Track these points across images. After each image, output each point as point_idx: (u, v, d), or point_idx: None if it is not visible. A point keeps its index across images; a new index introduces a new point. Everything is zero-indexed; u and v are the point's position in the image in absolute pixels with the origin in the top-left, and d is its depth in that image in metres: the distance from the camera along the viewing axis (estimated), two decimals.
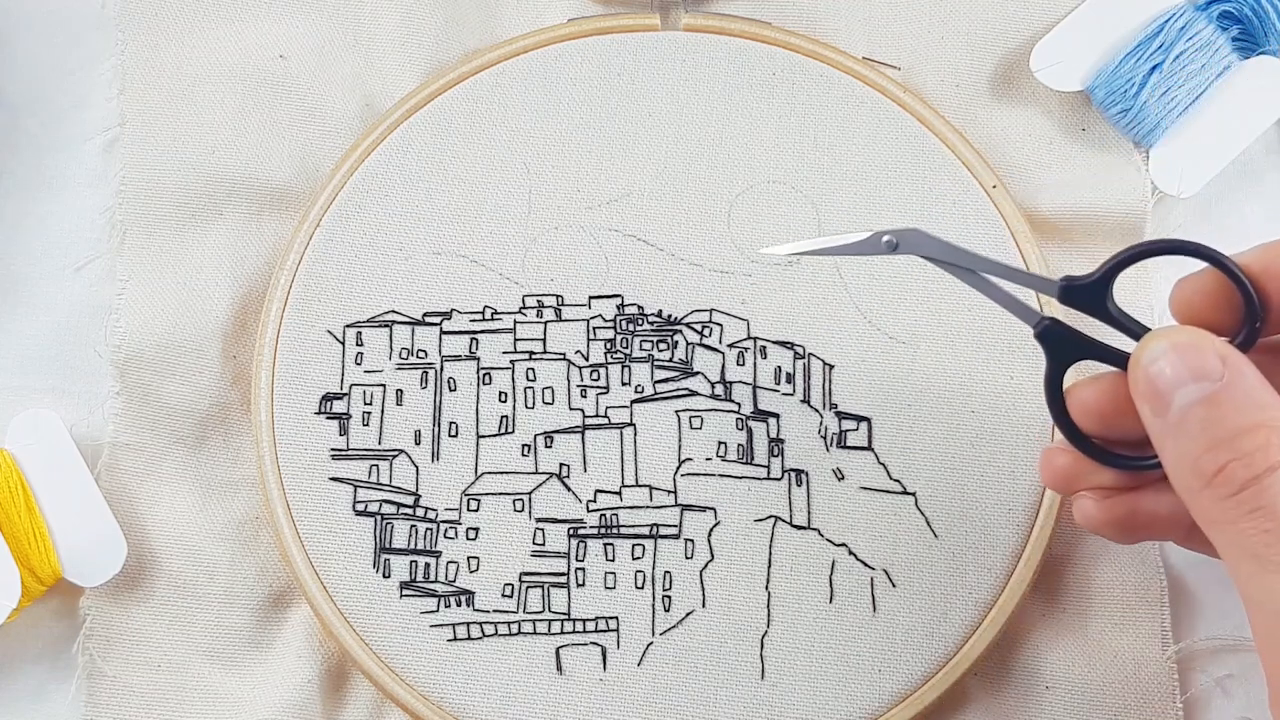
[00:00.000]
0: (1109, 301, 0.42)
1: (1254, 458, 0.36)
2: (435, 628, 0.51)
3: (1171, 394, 0.38)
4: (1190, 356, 0.38)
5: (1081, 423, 0.43)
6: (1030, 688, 0.53)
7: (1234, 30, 0.55)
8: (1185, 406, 0.37)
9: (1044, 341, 0.43)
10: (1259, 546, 0.36)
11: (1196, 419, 0.37)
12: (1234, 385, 0.37)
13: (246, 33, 0.56)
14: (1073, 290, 0.43)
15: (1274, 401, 0.37)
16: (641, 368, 0.53)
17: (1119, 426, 0.42)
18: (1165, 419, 0.38)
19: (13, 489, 0.52)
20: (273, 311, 0.53)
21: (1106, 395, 0.42)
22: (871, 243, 0.44)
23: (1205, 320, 0.41)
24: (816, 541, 0.52)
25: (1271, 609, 0.36)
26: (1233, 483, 0.36)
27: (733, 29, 0.55)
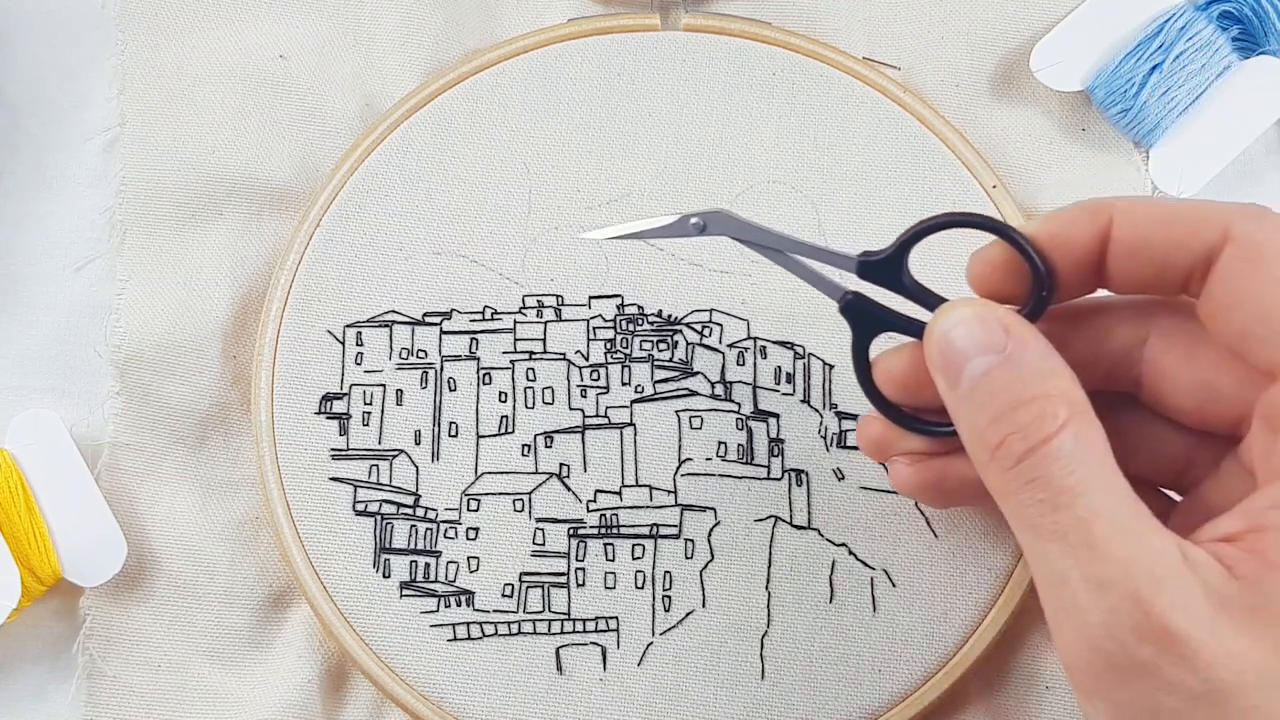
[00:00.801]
0: (904, 275, 0.43)
1: (1029, 429, 0.37)
2: (435, 628, 0.51)
3: (962, 366, 0.39)
4: (978, 329, 0.39)
5: (888, 392, 0.44)
6: (1030, 688, 0.53)
7: (1234, 30, 0.55)
8: (973, 378, 0.38)
9: (847, 315, 0.44)
10: (1034, 516, 0.36)
11: (982, 391, 0.38)
12: (1016, 356, 0.38)
13: (246, 33, 0.56)
14: (869, 265, 0.44)
15: (1055, 370, 0.38)
16: (641, 368, 0.53)
17: (923, 395, 0.42)
18: (957, 390, 0.39)
19: (13, 489, 0.52)
20: (273, 311, 0.53)
21: (909, 365, 0.43)
22: (680, 225, 0.45)
23: (1000, 291, 0.42)
24: (816, 541, 0.52)
25: (1049, 576, 0.36)
26: (1011, 455, 0.37)
27: (733, 29, 0.55)
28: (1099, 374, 0.42)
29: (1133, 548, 0.35)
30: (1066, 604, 0.36)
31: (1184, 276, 0.40)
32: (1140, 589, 0.35)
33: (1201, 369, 0.41)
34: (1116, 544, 0.35)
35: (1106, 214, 0.40)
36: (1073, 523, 0.36)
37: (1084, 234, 0.40)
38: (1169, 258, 0.40)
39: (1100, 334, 0.43)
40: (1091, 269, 0.41)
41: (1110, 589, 0.35)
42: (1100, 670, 0.35)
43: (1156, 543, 0.36)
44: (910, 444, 0.45)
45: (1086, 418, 0.37)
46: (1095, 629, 0.35)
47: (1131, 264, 0.40)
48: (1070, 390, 0.38)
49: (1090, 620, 0.35)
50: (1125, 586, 0.35)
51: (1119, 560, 0.35)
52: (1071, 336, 0.42)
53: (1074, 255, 0.41)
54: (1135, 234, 0.40)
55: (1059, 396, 0.37)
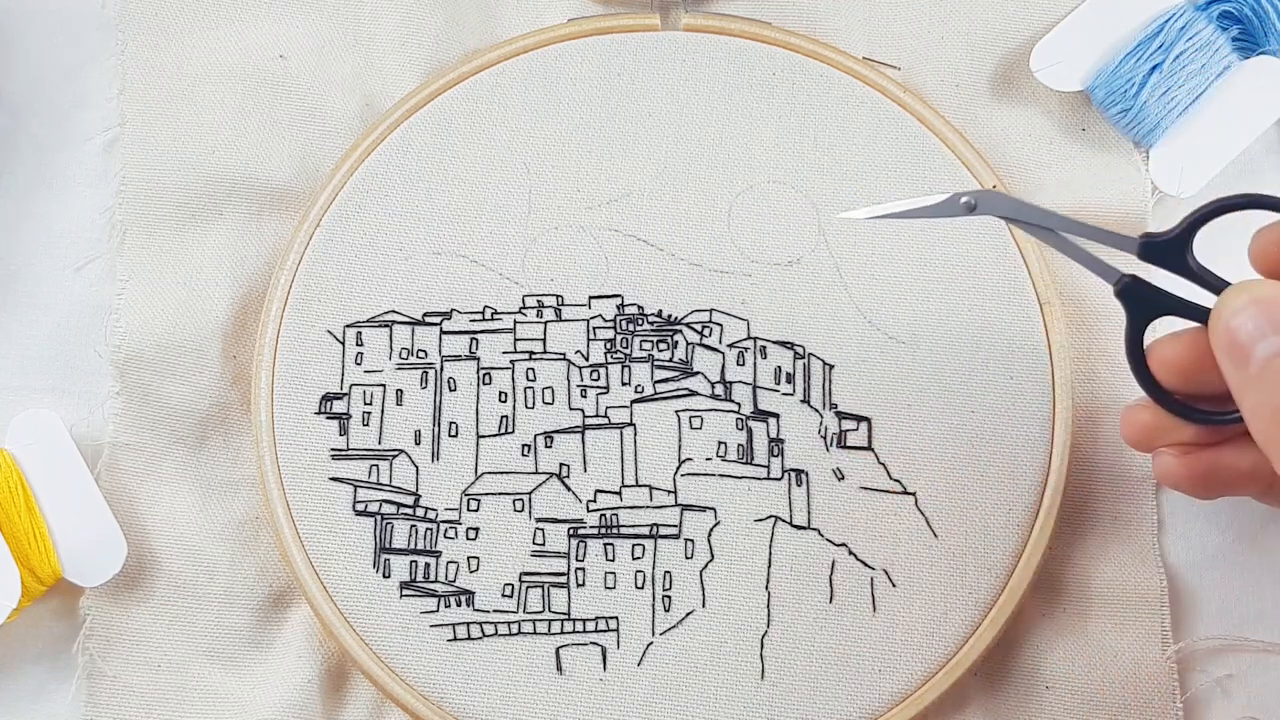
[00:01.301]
0: (1189, 257, 0.43)
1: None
2: (435, 628, 0.51)
3: (1252, 346, 0.38)
4: (1270, 310, 0.39)
5: (1162, 379, 0.44)
6: (1030, 688, 0.53)
7: (1234, 30, 0.55)
8: (1266, 358, 0.38)
9: (1124, 299, 0.44)
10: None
11: (1277, 370, 0.38)
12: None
13: (246, 33, 0.56)
14: (1152, 246, 0.43)
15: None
16: (641, 368, 0.53)
17: (1200, 381, 0.42)
18: (1246, 371, 0.39)
19: (13, 489, 0.52)
20: (273, 311, 0.53)
21: (1187, 350, 0.43)
22: (950, 205, 0.45)
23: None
24: (816, 541, 0.52)
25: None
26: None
27: (733, 29, 0.55)
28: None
29: None
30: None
31: None
32: None
33: None
34: None
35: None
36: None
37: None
38: None
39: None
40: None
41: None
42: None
43: None
44: (1180, 434, 0.44)
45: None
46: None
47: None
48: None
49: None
50: None
51: None
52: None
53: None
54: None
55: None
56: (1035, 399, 0.52)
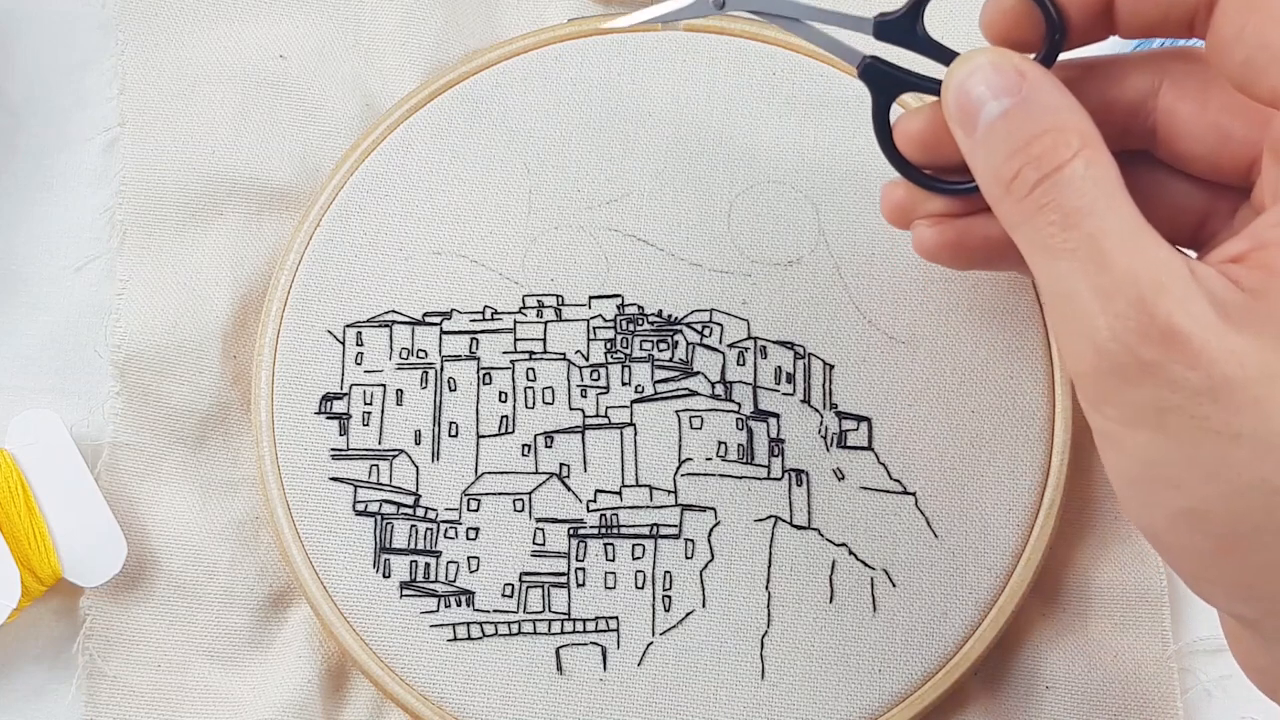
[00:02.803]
0: (919, 31, 0.44)
1: (1043, 159, 0.38)
2: (435, 628, 0.51)
3: (978, 112, 0.40)
4: (993, 75, 0.40)
5: (908, 153, 0.45)
6: (1030, 688, 0.53)
7: None
8: (989, 122, 0.39)
9: (865, 79, 0.45)
10: (1047, 237, 0.38)
11: (998, 132, 0.39)
12: (1030, 98, 0.39)
13: (246, 33, 0.56)
14: (885, 25, 0.44)
15: (1069, 106, 0.39)
16: (641, 368, 0.53)
17: (943, 154, 0.44)
18: (974, 137, 0.40)
19: (13, 489, 0.52)
20: (273, 311, 0.53)
21: (927, 124, 0.44)
22: (700, 4, 0.46)
23: (1013, 38, 0.43)
24: (816, 541, 0.52)
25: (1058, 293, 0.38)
26: (1025, 184, 0.38)
27: (733, 29, 0.55)
28: (1114, 128, 0.42)
29: (1140, 258, 0.36)
30: (1075, 315, 0.37)
31: (1190, 14, 0.40)
32: (1145, 294, 0.36)
33: (1213, 113, 0.42)
34: (1124, 256, 0.36)
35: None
36: (1082, 239, 0.37)
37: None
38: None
39: (1114, 84, 0.43)
40: (1101, 12, 0.41)
41: (1116, 295, 0.36)
42: (1106, 375, 0.36)
43: (1163, 255, 0.37)
44: (932, 205, 0.45)
45: (1098, 148, 0.38)
46: (1102, 334, 0.36)
47: (1138, 5, 0.41)
48: (1082, 124, 0.39)
49: (1097, 326, 0.36)
50: (1131, 292, 0.36)
51: (1126, 270, 0.36)
52: (1086, 88, 0.42)
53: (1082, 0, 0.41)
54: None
55: (1072, 129, 0.38)
56: (1035, 399, 0.52)
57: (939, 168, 0.45)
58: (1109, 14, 0.41)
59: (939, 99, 0.42)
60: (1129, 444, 0.37)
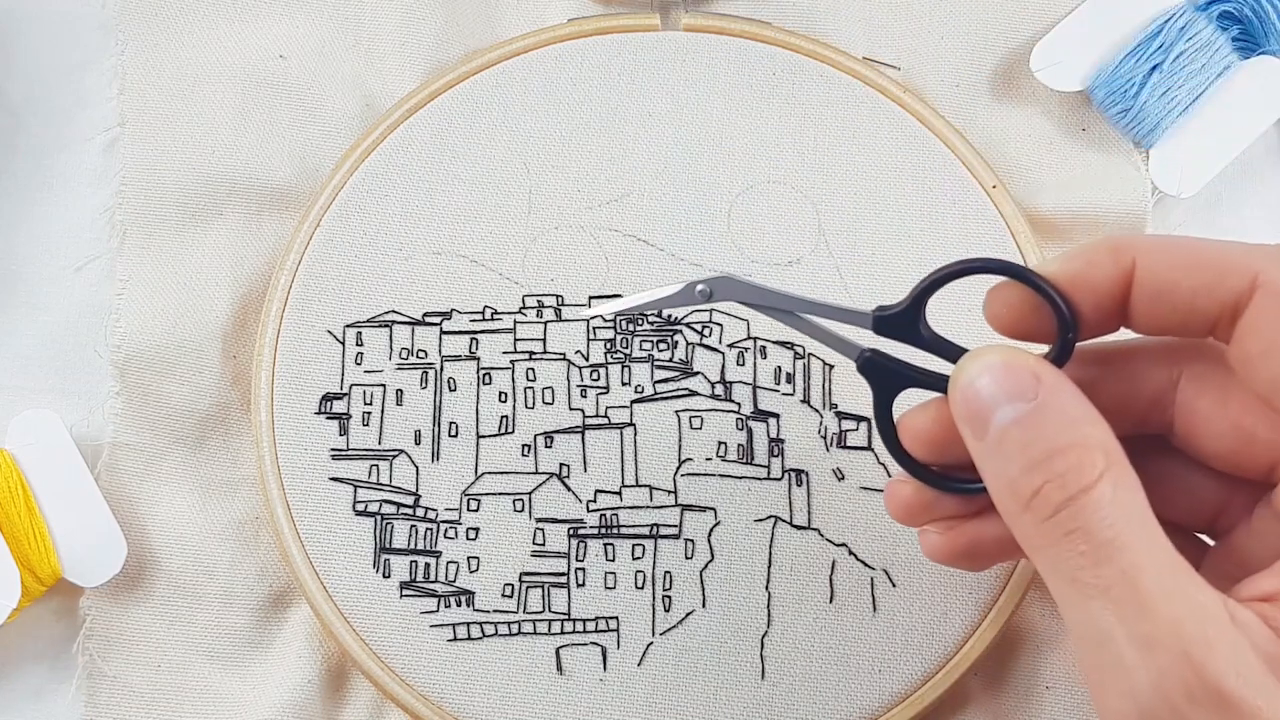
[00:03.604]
0: (922, 327, 0.42)
1: (1067, 479, 0.35)
2: (435, 628, 0.51)
3: (990, 415, 0.37)
4: (1005, 377, 0.37)
5: (915, 451, 0.42)
6: (1030, 688, 0.53)
7: (1234, 30, 0.55)
8: (1002, 428, 0.37)
9: (866, 374, 0.42)
10: (1075, 570, 0.35)
11: (1013, 440, 0.36)
12: (1048, 405, 0.36)
13: (246, 33, 0.56)
14: (885, 320, 0.42)
15: (1089, 417, 0.37)
16: (641, 368, 0.53)
17: (952, 452, 0.40)
18: (985, 442, 0.37)
19: (13, 489, 0.52)
20: (273, 311, 0.53)
21: (933, 422, 0.41)
22: (686, 293, 0.43)
23: (1020, 330, 0.40)
24: (816, 541, 0.52)
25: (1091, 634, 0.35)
26: (1048, 505, 0.36)
27: (733, 29, 0.55)
28: (1131, 418, 0.40)
29: (1181, 605, 0.34)
30: (1112, 663, 0.34)
31: (1211, 322, 0.38)
32: (1191, 649, 0.33)
33: (1235, 412, 0.39)
34: (1164, 601, 0.34)
35: (1129, 255, 0.38)
36: (1117, 577, 0.34)
37: (1106, 275, 0.39)
38: (1195, 303, 0.38)
39: (1131, 377, 0.41)
40: (1115, 311, 0.39)
41: (1159, 648, 0.33)
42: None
43: (1204, 600, 0.34)
44: (943, 506, 0.42)
45: (1124, 467, 0.36)
46: (1145, 691, 0.34)
47: (1156, 308, 0.39)
48: (1106, 439, 0.36)
49: (1139, 681, 0.34)
50: (1176, 646, 0.33)
51: (1168, 618, 0.34)
52: (1101, 380, 0.40)
53: (1096, 297, 0.39)
54: (1159, 278, 0.38)
55: (1096, 445, 0.36)
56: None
57: (947, 465, 0.42)
58: (1123, 311, 0.39)
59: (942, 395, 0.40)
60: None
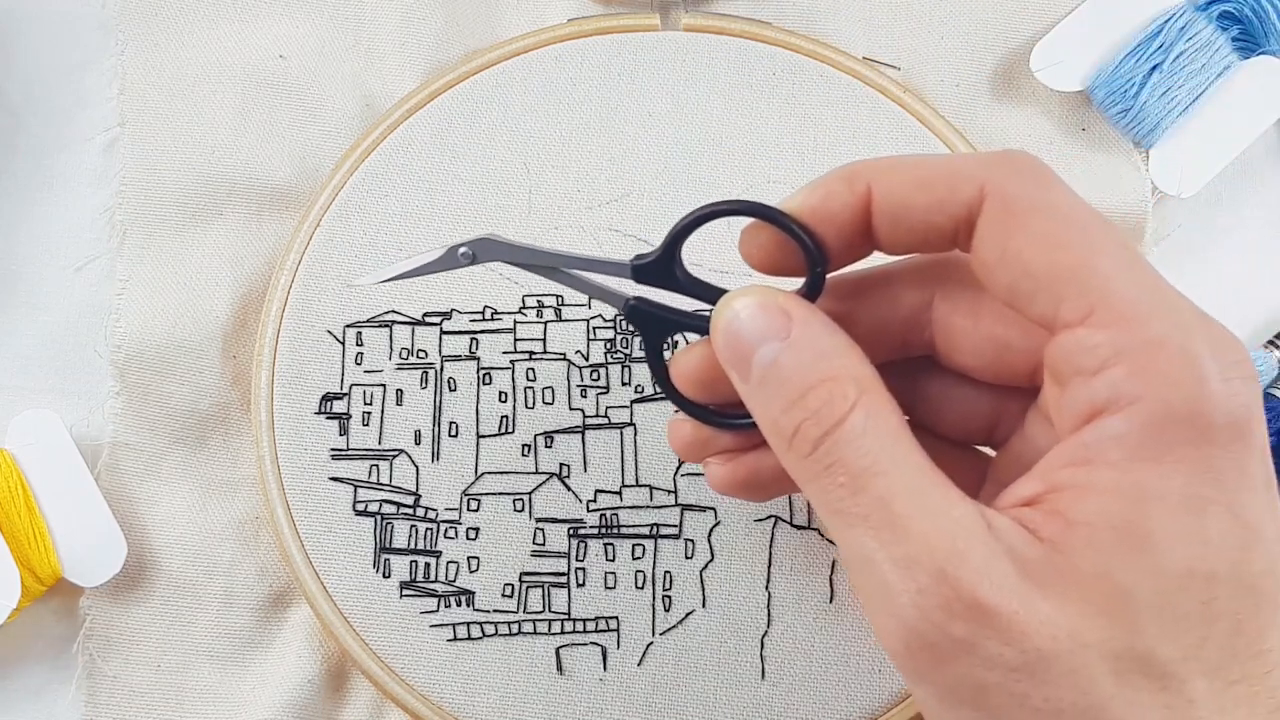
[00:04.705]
0: (679, 272, 0.42)
1: (821, 414, 0.36)
2: (435, 628, 0.51)
3: (750, 356, 0.38)
4: (759, 317, 0.38)
5: (688, 392, 0.42)
6: None
7: (1234, 30, 0.55)
8: (762, 368, 0.37)
9: (632, 321, 0.43)
10: (836, 501, 0.35)
11: (772, 380, 0.37)
12: (798, 341, 0.37)
13: (246, 33, 0.56)
14: (643, 269, 0.42)
15: (840, 349, 0.37)
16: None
17: (722, 391, 0.41)
18: (749, 383, 0.38)
19: (13, 489, 0.52)
20: (273, 311, 0.53)
21: (702, 361, 0.42)
22: (449, 257, 0.44)
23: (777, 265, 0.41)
24: (816, 541, 0.52)
25: (858, 561, 0.35)
26: (807, 442, 0.36)
27: (733, 29, 0.55)
28: (892, 342, 0.41)
29: (935, 522, 0.34)
30: (877, 587, 0.35)
31: (950, 236, 0.38)
32: (945, 565, 0.34)
33: (988, 324, 0.40)
34: (918, 520, 0.34)
35: (864, 181, 0.39)
36: (873, 503, 0.35)
37: (844, 204, 0.39)
38: (930, 220, 0.38)
39: (886, 302, 0.41)
40: (859, 238, 0.39)
41: (917, 567, 0.34)
42: (919, 652, 0.34)
43: (958, 514, 0.35)
44: (721, 442, 0.43)
45: (877, 394, 0.36)
46: (908, 610, 0.34)
47: (896, 230, 0.39)
48: (857, 368, 0.37)
49: (902, 602, 0.34)
50: (931, 564, 0.34)
51: (922, 536, 0.34)
52: (857, 309, 0.41)
53: (838, 227, 0.39)
54: (895, 200, 0.38)
55: (846, 376, 0.36)
56: None
57: (722, 403, 0.42)
58: (868, 235, 0.39)
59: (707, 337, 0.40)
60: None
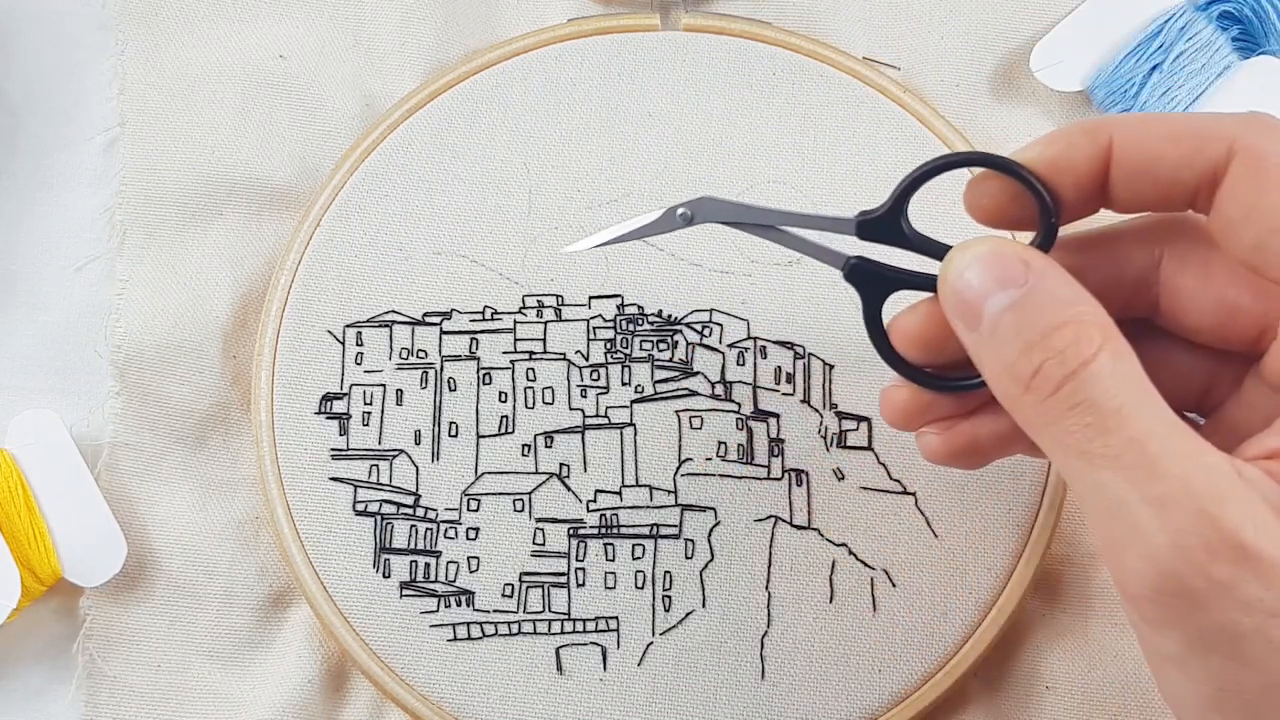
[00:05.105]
0: (905, 227, 0.42)
1: (1066, 354, 0.36)
2: (435, 628, 0.51)
3: (981, 306, 0.38)
4: (993, 266, 0.38)
5: (907, 354, 0.42)
6: (1030, 688, 0.53)
7: (1234, 30, 0.55)
8: (995, 315, 0.37)
9: (854, 281, 0.43)
10: (1083, 442, 0.35)
11: (1007, 326, 0.37)
12: (1039, 287, 0.37)
13: (246, 33, 0.56)
14: (869, 224, 0.42)
15: (1080, 297, 0.37)
16: (641, 368, 0.53)
17: (944, 351, 0.41)
18: (979, 332, 0.38)
19: (13, 489, 0.52)
20: (273, 311, 0.53)
21: (925, 321, 0.42)
22: (667, 219, 0.44)
23: (1003, 220, 0.41)
24: (816, 541, 0.52)
25: (1104, 504, 0.35)
26: (1050, 382, 0.36)
27: (733, 29, 0.55)
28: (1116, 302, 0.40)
29: (1191, 465, 0.34)
30: (1128, 529, 0.34)
31: (1191, 193, 0.38)
32: (1206, 505, 0.33)
33: (1218, 285, 0.40)
34: (1174, 462, 0.34)
35: (1106, 134, 0.39)
36: (1125, 444, 0.34)
37: (1084, 157, 0.39)
38: (1174, 176, 0.38)
39: (1114, 260, 0.41)
40: (1094, 192, 0.40)
41: (1175, 507, 0.33)
42: (1172, 597, 0.34)
43: (1212, 460, 0.34)
44: (938, 408, 0.43)
45: (1120, 340, 0.36)
46: (1164, 550, 0.34)
47: (1136, 184, 0.39)
48: (1100, 315, 0.37)
49: (1157, 542, 0.34)
50: (1191, 504, 0.33)
51: (1180, 478, 0.34)
52: (1085, 267, 0.40)
53: (1075, 179, 0.39)
54: (1137, 154, 0.39)
55: (1091, 320, 0.36)
56: None
57: (942, 366, 0.42)
58: (1103, 191, 0.40)
59: (934, 294, 0.40)
60: (1196, 669, 0.35)
